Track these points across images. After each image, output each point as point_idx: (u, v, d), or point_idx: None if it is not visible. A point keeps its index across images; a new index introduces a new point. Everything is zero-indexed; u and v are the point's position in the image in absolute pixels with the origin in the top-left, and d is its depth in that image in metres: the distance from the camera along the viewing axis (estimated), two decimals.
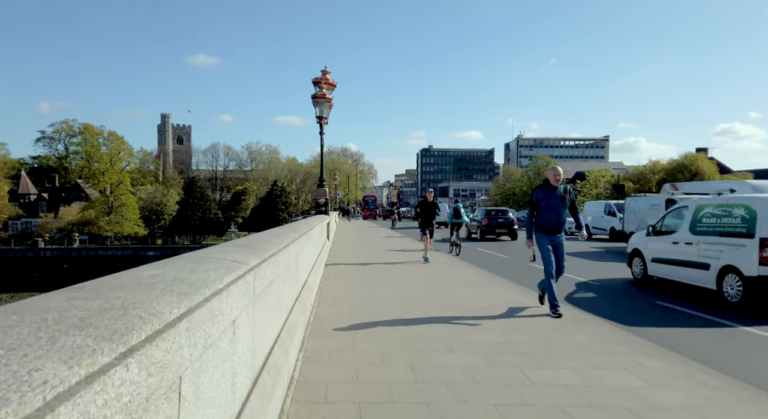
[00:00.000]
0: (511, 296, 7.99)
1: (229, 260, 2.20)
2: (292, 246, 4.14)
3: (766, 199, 7.89)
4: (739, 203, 8.23)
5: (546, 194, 6.75)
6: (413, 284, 9.17)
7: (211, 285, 1.66)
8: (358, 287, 8.67)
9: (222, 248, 2.66)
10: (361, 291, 8.30)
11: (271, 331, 3.35)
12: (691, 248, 8.91)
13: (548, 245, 6.71)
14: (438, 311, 6.70)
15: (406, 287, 8.74)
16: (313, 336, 5.39)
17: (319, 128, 14.48)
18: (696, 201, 9.45)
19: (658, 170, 63.30)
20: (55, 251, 54.46)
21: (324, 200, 14.33)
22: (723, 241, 8.24)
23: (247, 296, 2.25)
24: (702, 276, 8.56)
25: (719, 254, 8.24)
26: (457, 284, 9.32)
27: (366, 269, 11.23)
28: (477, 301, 7.54)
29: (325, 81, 13.92)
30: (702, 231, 8.81)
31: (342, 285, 8.81)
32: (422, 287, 8.78)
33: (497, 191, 79.67)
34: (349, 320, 6.15)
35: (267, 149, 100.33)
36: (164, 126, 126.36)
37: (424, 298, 7.75)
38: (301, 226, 6.38)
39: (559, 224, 6.79)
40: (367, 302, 7.39)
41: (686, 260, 8.98)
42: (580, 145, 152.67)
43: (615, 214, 22.54)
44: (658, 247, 9.94)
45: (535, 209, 6.88)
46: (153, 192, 75.62)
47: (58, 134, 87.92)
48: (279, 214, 58.98)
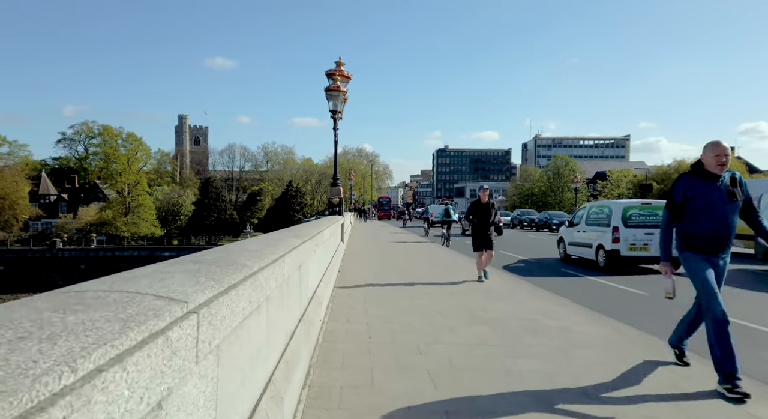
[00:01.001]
0: (546, 307, 6.99)
1: (150, 296, 1.24)
2: (290, 256, 3.19)
3: (619, 203, 12.79)
4: (605, 205, 13.39)
5: (702, 188, 4.08)
6: (433, 291, 8.20)
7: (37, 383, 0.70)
8: (374, 298, 7.71)
9: (159, 269, 1.70)
10: (378, 303, 7.34)
11: (256, 378, 2.40)
12: (585, 235, 13.70)
13: (707, 270, 4.05)
14: (465, 325, 5.71)
15: (427, 295, 7.76)
16: (321, 363, 4.44)
17: (333, 123, 13.56)
18: (587, 204, 14.77)
19: (683, 170, 61.16)
20: (73, 251, 54.71)
21: (338, 199, 13.40)
22: (598, 229, 13.01)
23: (187, 359, 1.28)
24: (588, 251, 13.43)
25: (596, 237, 12.96)
26: (477, 291, 8.33)
27: (382, 273, 10.29)
28: (509, 311, 6.54)
29: (339, 73, 12.99)
30: (590, 223, 13.64)
31: (358, 296, 7.86)
32: (444, 296, 7.80)
33: (515, 191, 78.04)
34: (366, 340, 5.19)
35: (283, 149, 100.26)
36: (181, 127, 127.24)
37: (451, 311, 6.75)
38: (308, 228, 5.44)
39: (725, 237, 4.11)
40: (386, 316, 6.42)
41: (582, 242, 13.81)
42: (599, 145, 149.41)
43: None
44: (570, 234, 14.71)
45: (679, 214, 4.23)
46: (169, 193, 75.85)
47: (78, 135, 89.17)
48: (294, 215, 58.41)
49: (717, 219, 4.07)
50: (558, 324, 6.08)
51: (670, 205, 4.28)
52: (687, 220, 4.21)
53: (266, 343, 2.70)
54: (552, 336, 5.45)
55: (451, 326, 5.93)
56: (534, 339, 5.35)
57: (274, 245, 3.00)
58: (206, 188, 67.46)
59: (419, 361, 4.52)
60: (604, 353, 4.85)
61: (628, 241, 12.08)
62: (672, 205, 4.26)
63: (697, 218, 4.14)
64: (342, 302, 7.22)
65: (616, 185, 64.51)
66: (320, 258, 6.30)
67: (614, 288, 9.81)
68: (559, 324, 6.08)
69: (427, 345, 5.03)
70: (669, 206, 4.30)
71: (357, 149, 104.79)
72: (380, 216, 64.94)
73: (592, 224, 13.41)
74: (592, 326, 6.06)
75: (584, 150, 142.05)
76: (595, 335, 5.59)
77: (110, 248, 57.54)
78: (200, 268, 1.85)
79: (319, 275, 6.36)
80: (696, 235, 4.15)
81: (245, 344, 2.14)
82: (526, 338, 5.38)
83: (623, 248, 12.08)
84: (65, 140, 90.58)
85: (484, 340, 5.27)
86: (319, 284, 6.15)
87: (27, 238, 62.20)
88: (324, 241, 6.42)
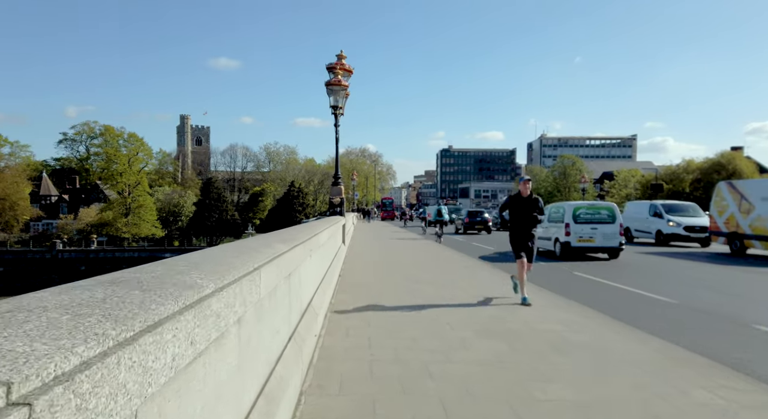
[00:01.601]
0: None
1: None
2: (273, 266, 2.54)
3: (570, 204, 16.08)
4: (561, 206, 16.35)
5: None
6: (438, 297, 7.53)
7: None
8: (376, 306, 7.05)
9: (25, 305, 1.04)
10: (381, 313, 6.68)
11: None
12: (546, 230, 16.17)
13: None
14: (475, 337, 5.04)
15: (432, 302, 7.09)
16: (314, 389, 3.78)
17: (334, 119, 12.91)
18: (548, 206, 16.95)
19: (692, 170, 60.43)
20: (73, 252, 54.29)
21: (339, 199, 12.74)
22: (555, 225, 15.83)
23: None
24: (548, 244, 16.22)
25: (554, 232, 15.82)
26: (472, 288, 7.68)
27: (385, 278, 9.63)
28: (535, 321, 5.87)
29: (340, 66, 12.35)
30: (550, 221, 16.22)
31: (359, 305, 7.20)
32: (449, 301, 7.14)
33: None
34: (367, 358, 4.53)
35: (285, 149, 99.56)
36: (183, 127, 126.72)
37: (459, 321, 6.08)
38: (302, 231, 4.78)
39: None
40: (390, 329, 5.76)
41: (544, 236, 16.10)
42: (606, 144, 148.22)
43: (662, 215, 20.37)
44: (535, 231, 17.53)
45: None
46: (170, 193, 75.32)
47: (80, 135, 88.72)
48: (296, 215, 57.76)
49: None
50: None
51: None
52: None
53: (236, 380, 2.05)
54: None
55: (462, 338, 5.26)
56: None
57: (248, 253, 2.34)
58: (207, 189, 66.86)
59: (430, 387, 3.85)
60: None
61: (577, 234, 15.17)
62: None
63: None
64: (342, 312, 6.56)
65: (624, 184, 63.63)
66: (316, 264, 5.65)
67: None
68: None
69: (437, 365, 4.36)
70: None
71: (360, 149, 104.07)
72: (383, 217, 65.77)
73: (552, 222, 16.21)
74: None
75: (590, 150, 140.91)
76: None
77: (110, 249, 57.09)
78: (108, 295, 1.19)
79: (316, 282, 5.71)
80: None
81: (194, 397, 1.48)
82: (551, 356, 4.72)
83: (573, 240, 15.21)
84: (67, 141, 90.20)
85: (500, 357, 4.60)
86: (316, 292, 5.50)
87: (27, 239, 61.83)
88: (321, 245, 5.76)
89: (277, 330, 2.84)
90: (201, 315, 1.44)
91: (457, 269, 12.17)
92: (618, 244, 15.00)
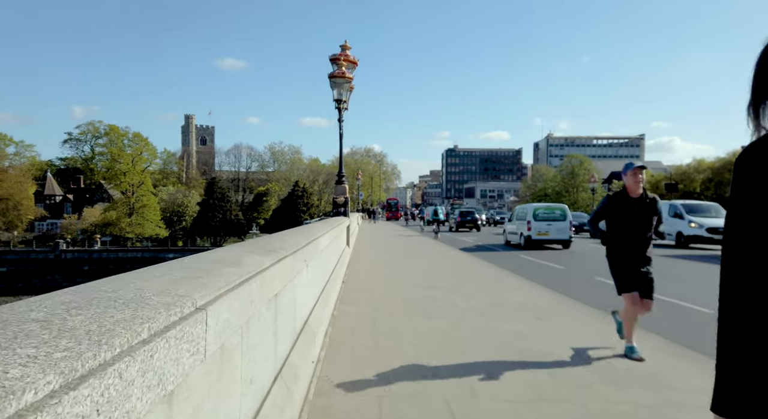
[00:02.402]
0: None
1: None
2: (243, 292, 1.75)
3: (532, 205, 19.68)
4: (525, 207, 19.89)
5: None
6: (450, 305, 6.72)
7: None
8: (384, 319, 6.25)
9: None
10: (390, 327, 5.88)
11: None
12: (515, 226, 19.99)
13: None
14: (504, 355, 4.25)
15: (445, 313, 6.28)
16: None
17: (338, 114, 12.12)
18: (516, 207, 22.13)
19: (704, 169, 59.46)
20: (76, 253, 53.85)
21: (343, 198, 11.94)
22: (521, 222, 19.27)
23: None
24: (516, 237, 19.76)
25: (520, 228, 19.21)
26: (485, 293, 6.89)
27: (391, 281, 8.83)
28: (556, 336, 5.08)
29: (344, 58, 11.56)
30: (518, 219, 19.90)
31: (365, 317, 6.40)
32: (464, 312, 6.33)
33: (527, 191, 76.17)
34: (375, 395, 3.72)
35: (290, 149, 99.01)
36: (188, 127, 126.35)
37: (491, 342, 5.28)
38: (296, 236, 3.99)
39: None
40: (402, 351, 4.94)
41: (513, 231, 20.15)
42: (613, 144, 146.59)
43: (683, 216, 19.40)
44: (508, 227, 21.48)
45: None
46: (174, 193, 74.87)
47: (85, 135, 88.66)
48: (300, 215, 57.07)
49: None
50: None
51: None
52: None
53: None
54: None
55: (487, 363, 4.45)
56: None
57: (195, 278, 1.52)
58: (211, 189, 66.29)
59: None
60: None
61: (537, 230, 18.57)
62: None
63: None
64: (345, 328, 5.76)
65: None
66: (315, 275, 4.85)
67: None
68: None
69: (461, 403, 3.55)
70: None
71: (365, 149, 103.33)
72: (388, 217, 66.54)
73: (519, 220, 19.99)
74: None
75: (598, 149, 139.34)
76: None
77: (113, 249, 56.62)
78: None
79: (315, 294, 4.92)
80: None
81: None
82: None
83: (534, 234, 18.61)
84: (72, 140, 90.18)
85: (537, 389, 3.78)
86: (315, 306, 4.71)
87: (31, 239, 61.48)
88: (320, 251, 4.96)
89: (251, 379, 2.04)
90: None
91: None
92: (568, 237, 18.80)
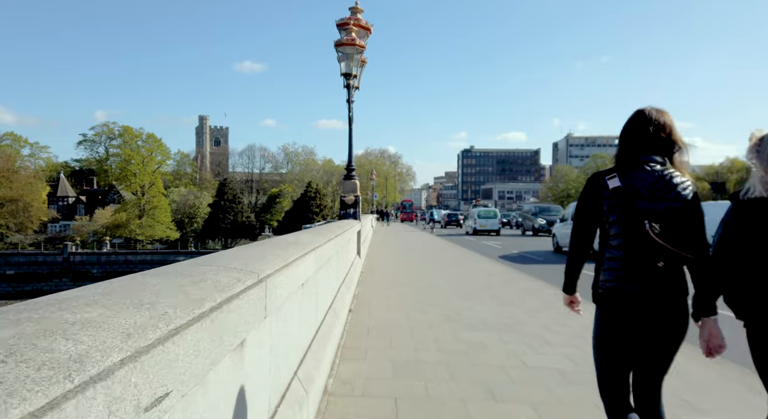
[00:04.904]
0: None
1: None
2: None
3: (476, 209, 35.84)
4: (473, 211, 35.85)
5: None
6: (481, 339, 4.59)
7: None
8: (406, 381, 4.08)
9: None
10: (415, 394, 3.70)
11: None
12: (470, 222, 33.20)
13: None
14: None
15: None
16: None
17: (346, 93, 9.96)
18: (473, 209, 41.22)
19: (737, 169, 56.24)
20: (84, 255, 52.66)
21: (353, 197, 9.76)
22: (471, 220, 33.55)
23: None
24: (469, 229, 33.56)
25: (470, 223, 33.28)
26: None
27: (415, 310, 6.67)
28: None
29: (355, 22, 9.39)
30: (470, 217, 34.94)
31: (378, 372, 4.22)
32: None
33: (548, 192, 73.17)
34: None
35: (303, 150, 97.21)
36: (202, 128, 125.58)
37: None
38: (282, 247, 1.83)
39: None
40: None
41: (472, 226, 31.63)
42: None
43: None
44: (467, 223, 35.78)
45: None
46: (185, 194, 73.59)
47: (99, 136, 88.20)
48: (312, 217, 55.08)
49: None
50: None
51: None
52: None
53: None
54: None
55: None
56: None
57: None
58: (222, 190, 64.76)
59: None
60: None
61: (479, 223, 30.52)
62: None
63: None
64: (347, 397, 3.58)
65: None
66: (291, 322, 2.67)
67: None
68: None
69: None
70: None
71: (380, 150, 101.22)
72: (403, 218, 66.13)
73: (470, 218, 33.19)
74: None
75: None
76: None
77: (122, 252, 55.35)
78: None
79: (298, 354, 2.76)
80: None
81: None
82: None
83: (478, 227, 30.55)
84: (86, 142, 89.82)
85: None
86: (300, 364, 2.55)
87: (42, 241, 60.61)
88: (303, 281, 2.77)
89: None
90: None
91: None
92: (497, 228, 30.68)
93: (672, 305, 2.05)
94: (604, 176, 2.11)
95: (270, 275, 1.97)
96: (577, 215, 2.20)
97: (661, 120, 2.13)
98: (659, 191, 2.05)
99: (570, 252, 2.25)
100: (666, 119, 2.15)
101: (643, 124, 2.13)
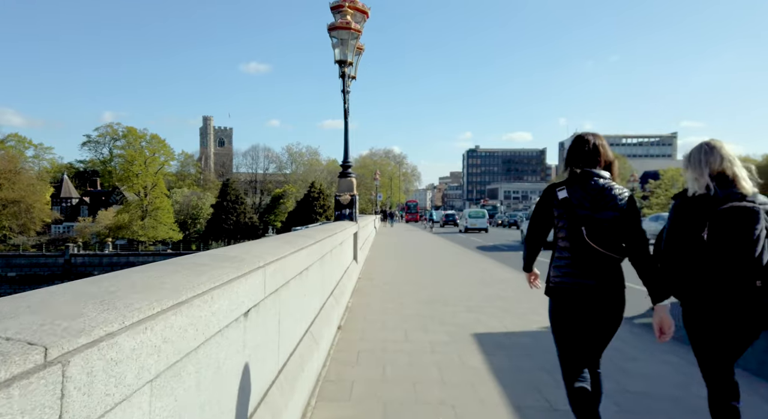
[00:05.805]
0: None
1: None
2: None
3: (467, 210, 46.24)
4: (465, 211, 43.60)
5: None
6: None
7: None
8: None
9: None
10: None
11: None
12: (465, 221, 37.51)
13: None
14: None
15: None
16: None
17: (341, 83, 9.16)
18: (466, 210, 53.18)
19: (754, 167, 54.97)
20: (86, 257, 52.20)
21: (349, 196, 8.94)
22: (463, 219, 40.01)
23: None
24: (461, 227, 39.31)
25: (463, 222, 38.76)
26: None
27: (412, 328, 5.87)
28: None
29: (350, 4, 8.59)
30: (462, 217, 41.28)
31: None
32: None
33: None
34: None
35: (307, 150, 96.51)
36: (206, 128, 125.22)
37: None
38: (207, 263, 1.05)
39: None
40: None
41: (464, 224, 36.96)
42: (644, 143, 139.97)
43: (466, 218, 18.99)
44: (460, 222, 41.41)
45: None
46: (188, 195, 73.08)
47: (103, 137, 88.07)
48: (316, 218, 54.37)
49: None
50: None
51: None
52: None
53: None
54: None
55: None
56: None
57: None
58: (225, 191, 64.18)
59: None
60: None
61: (470, 222, 35.00)
62: None
63: None
64: None
65: (671, 184, 58.26)
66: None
67: None
68: None
69: None
70: None
71: (384, 150, 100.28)
72: (407, 219, 65.91)
73: (463, 218, 37.64)
74: None
75: (627, 148, 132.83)
76: None
77: (124, 253, 54.86)
78: None
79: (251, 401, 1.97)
80: None
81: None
82: None
83: (469, 225, 34.87)
84: (90, 143, 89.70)
85: None
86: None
87: (45, 243, 60.24)
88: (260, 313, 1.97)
89: None
90: None
91: None
92: (485, 227, 34.83)
93: (611, 297, 2.44)
94: (556, 188, 2.51)
95: (159, 312, 1.18)
96: (532, 219, 2.67)
97: (594, 142, 2.56)
98: (600, 202, 2.42)
99: (526, 246, 2.76)
100: (598, 141, 2.58)
101: (581, 145, 2.58)
